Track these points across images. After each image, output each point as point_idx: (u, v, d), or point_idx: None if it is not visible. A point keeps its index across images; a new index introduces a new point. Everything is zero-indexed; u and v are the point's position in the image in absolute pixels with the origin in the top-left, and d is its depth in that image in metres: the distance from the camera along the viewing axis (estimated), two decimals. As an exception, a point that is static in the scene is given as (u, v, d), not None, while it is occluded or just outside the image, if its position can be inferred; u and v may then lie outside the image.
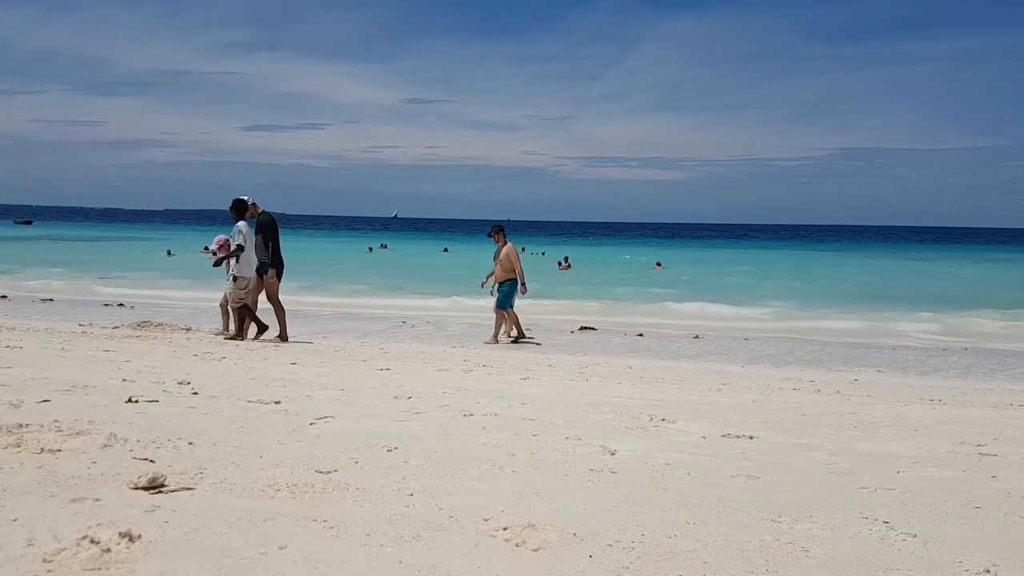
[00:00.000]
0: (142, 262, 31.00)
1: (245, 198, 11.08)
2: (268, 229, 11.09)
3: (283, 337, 11.12)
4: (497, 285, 12.81)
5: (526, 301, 13.59)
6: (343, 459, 3.80)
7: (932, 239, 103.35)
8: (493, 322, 12.88)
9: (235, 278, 10.91)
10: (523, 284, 12.73)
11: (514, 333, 12.84)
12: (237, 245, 10.90)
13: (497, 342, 12.58)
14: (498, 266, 12.78)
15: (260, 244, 11.04)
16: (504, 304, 12.70)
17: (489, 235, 13.19)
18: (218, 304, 11.91)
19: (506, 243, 12.92)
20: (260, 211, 11.23)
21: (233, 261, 10.96)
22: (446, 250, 48.61)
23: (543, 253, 45.64)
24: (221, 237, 11.53)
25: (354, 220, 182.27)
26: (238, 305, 10.99)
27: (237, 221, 11.00)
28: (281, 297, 11.31)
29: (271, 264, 11.07)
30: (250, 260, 11.03)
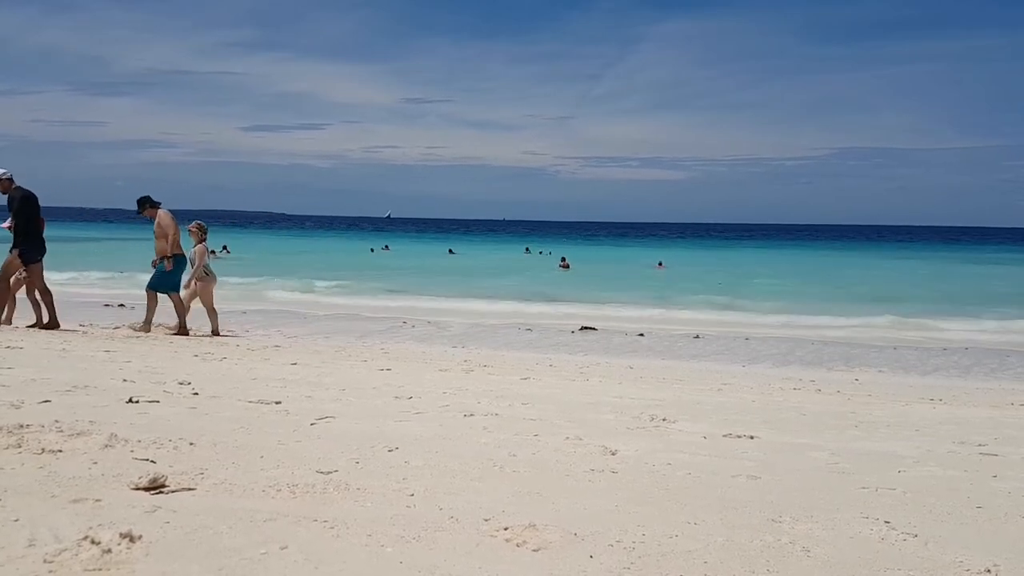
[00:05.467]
0: (147, 263, 30.92)
1: None
2: (16, 205, 10.11)
3: (53, 323, 10.32)
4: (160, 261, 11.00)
5: (523, 302, 13.52)
6: (344, 459, 3.80)
7: (933, 239, 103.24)
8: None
9: None
10: (167, 258, 10.92)
11: (173, 323, 11.09)
12: None
13: (149, 331, 10.86)
14: (157, 241, 11.04)
15: (18, 224, 10.08)
16: (161, 284, 10.97)
17: (139, 213, 11.27)
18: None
19: (157, 210, 11.11)
20: (13, 187, 10.18)
21: None
22: (451, 251, 48.66)
23: (541, 252, 45.72)
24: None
25: (346, 220, 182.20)
26: None
27: None
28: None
29: (20, 244, 10.12)
30: None
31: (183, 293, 11.24)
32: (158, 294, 11.07)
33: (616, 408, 6.02)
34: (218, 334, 11.36)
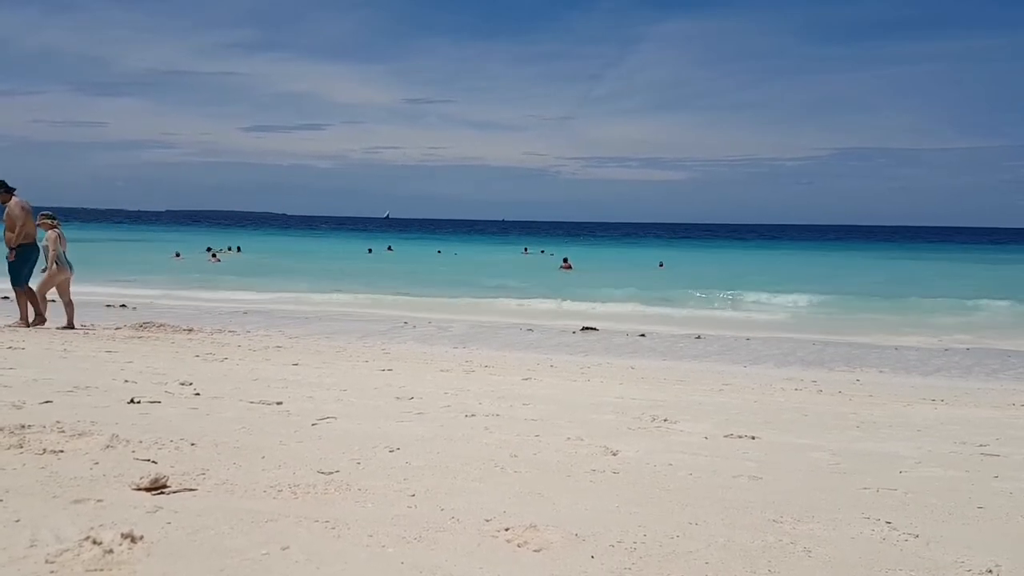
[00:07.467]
0: (151, 264, 30.99)
1: None
2: None
3: None
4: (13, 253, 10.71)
5: (524, 302, 13.50)
6: (345, 460, 3.80)
7: (935, 239, 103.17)
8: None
9: None
10: (12, 249, 10.71)
11: (32, 316, 10.76)
12: None
13: (27, 324, 10.73)
14: (6, 230, 10.74)
15: None
16: (19, 277, 10.71)
17: None
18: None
19: (11, 196, 10.78)
20: None
21: None
22: (439, 252, 48.80)
23: (543, 252, 45.74)
24: None
25: (346, 220, 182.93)
26: None
27: None
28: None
29: None
30: None
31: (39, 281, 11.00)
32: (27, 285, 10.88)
33: (617, 408, 6.02)
34: (73, 327, 10.98)
